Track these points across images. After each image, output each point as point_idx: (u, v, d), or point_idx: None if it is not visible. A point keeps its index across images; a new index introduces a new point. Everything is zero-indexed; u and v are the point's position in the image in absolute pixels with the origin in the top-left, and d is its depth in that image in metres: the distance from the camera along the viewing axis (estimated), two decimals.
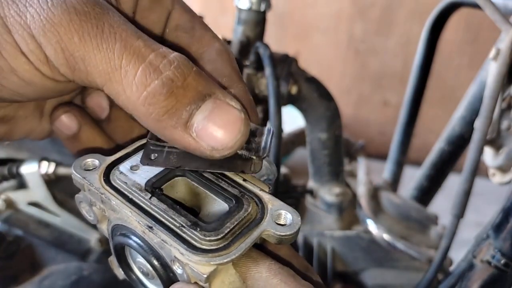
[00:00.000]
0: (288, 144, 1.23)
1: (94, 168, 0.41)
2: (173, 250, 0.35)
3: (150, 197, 0.38)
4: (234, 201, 0.39)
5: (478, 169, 0.75)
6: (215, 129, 0.36)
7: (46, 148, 0.92)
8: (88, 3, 0.36)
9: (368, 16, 3.07)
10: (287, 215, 0.39)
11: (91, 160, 0.42)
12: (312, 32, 3.21)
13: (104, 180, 0.40)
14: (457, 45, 2.88)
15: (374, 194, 1.13)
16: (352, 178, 1.18)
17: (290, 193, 1.11)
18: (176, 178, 0.42)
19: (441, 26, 1.13)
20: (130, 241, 0.38)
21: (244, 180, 0.42)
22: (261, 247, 0.41)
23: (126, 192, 0.39)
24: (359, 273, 1.04)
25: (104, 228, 0.43)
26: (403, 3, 2.97)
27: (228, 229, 0.36)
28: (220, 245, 0.36)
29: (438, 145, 1.17)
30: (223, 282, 0.37)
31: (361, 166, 1.21)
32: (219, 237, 0.36)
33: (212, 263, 0.35)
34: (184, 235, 0.36)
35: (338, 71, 3.24)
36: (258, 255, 0.39)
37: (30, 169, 0.90)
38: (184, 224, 0.36)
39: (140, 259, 0.40)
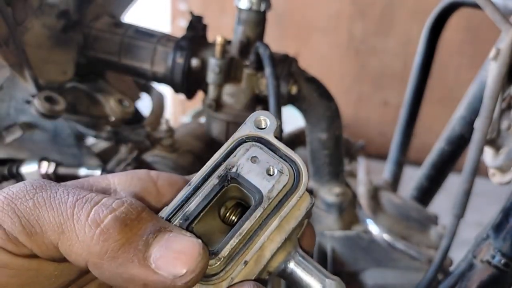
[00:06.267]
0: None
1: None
2: None
3: None
4: None
5: (478, 169, 0.75)
6: (175, 255, 0.35)
7: (46, 148, 0.91)
8: (45, 181, 0.38)
9: (368, 16, 3.07)
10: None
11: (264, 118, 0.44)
12: (312, 32, 3.21)
13: None
14: (457, 45, 2.88)
15: (374, 194, 1.13)
16: (352, 178, 1.18)
17: None
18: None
19: (441, 26, 1.13)
20: None
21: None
22: None
23: None
24: (359, 273, 1.04)
25: None
26: (403, 3, 2.97)
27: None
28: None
29: (438, 145, 1.17)
30: None
31: (361, 166, 1.21)
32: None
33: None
34: None
35: (338, 71, 3.24)
36: None
37: (30, 169, 0.90)
38: None
39: None
